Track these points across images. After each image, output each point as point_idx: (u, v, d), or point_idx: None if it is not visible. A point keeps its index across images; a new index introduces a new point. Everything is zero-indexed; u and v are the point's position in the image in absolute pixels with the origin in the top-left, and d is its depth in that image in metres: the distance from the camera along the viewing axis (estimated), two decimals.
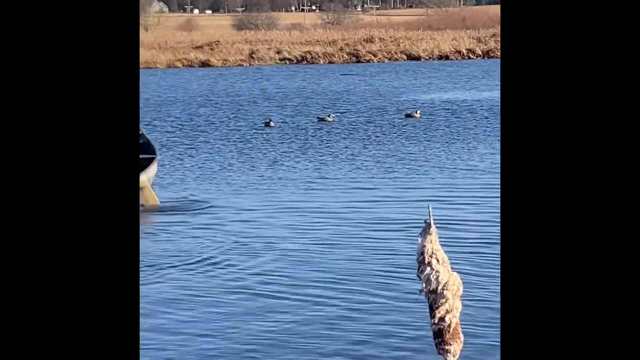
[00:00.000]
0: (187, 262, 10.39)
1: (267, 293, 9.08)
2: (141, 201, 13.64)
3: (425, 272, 4.99)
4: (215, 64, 54.79)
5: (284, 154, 19.31)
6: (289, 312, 8.41)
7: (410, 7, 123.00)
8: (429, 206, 5.04)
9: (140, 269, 9.83)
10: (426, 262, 4.99)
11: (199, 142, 21.49)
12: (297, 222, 12.53)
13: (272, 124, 24.00)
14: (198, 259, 10.53)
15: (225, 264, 10.28)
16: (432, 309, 5.13)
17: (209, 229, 12.21)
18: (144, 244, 11.35)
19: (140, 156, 15.34)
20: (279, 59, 56.30)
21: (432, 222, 5.06)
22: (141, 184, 13.68)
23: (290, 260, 10.34)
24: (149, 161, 15.34)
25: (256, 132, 22.98)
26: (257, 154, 19.32)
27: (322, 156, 18.76)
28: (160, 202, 14.14)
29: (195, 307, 8.72)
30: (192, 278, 9.75)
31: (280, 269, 9.98)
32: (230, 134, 22.87)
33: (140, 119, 24.89)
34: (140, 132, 16.23)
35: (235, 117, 26.84)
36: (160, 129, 24.21)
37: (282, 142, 21.03)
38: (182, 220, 12.87)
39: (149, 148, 15.91)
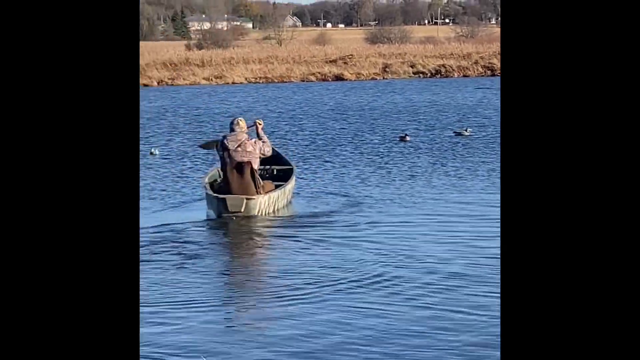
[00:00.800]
0: (356, 279, 10.24)
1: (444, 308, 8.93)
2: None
3: None
4: (348, 78, 54.93)
5: (421, 167, 19.17)
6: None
7: None
8: None
9: (298, 286, 9.80)
10: None
11: (334, 155, 21.48)
12: (446, 234, 12.40)
13: (407, 138, 23.82)
14: (363, 274, 10.40)
15: (395, 278, 10.15)
16: None
17: (363, 242, 12.12)
18: (291, 259, 11.31)
19: (277, 167, 15.74)
20: (413, 73, 56.11)
21: None
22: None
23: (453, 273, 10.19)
24: (288, 172, 15.60)
25: (392, 146, 22.85)
26: (393, 167, 19.22)
27: (458, 170, 18.55)
28: (300, 213, 14.21)
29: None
30: (366, 293, 9.62)
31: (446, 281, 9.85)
32: (364, 147, 22.80)
33: (275, 133, 25.12)
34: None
35: (370, 131, 26.77)
36: (294, 143, 24.29)
37: (419, 156, 20.87)
38: (334, 234, 12.77)
39: (281, 159, 16.12)
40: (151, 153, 21.82)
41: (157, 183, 17.59)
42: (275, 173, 15.77)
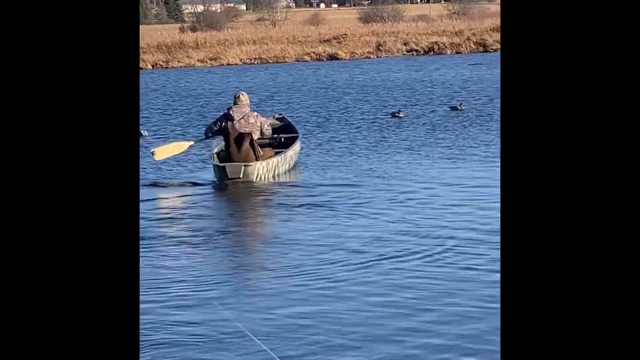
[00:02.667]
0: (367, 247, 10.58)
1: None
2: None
3: None
4: (343, 57, 55.07)
5: (418, 141, 19.47)
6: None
7: None
8: None
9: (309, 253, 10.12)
10: None
11: (330, 132, 21.75)
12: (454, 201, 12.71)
13: (401, 114, 24.08)
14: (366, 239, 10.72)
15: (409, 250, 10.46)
16: None
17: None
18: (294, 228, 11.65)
19: (285, 135, 16.97)
20: (406, 51, 56.27)
21: None
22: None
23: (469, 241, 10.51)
24: (293, 139, 16.68)
25: (386, 122, 23.14)
26: (390, 141, 19.51)
27: (455, 143, 18.85)
28: (299, 181, 15.23)
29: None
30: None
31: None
32: (360, 123, 23.06)
33: (275, 108, 25.35)
34: (281, 115, 18.03)
35: (364, 107, 27.00)
36: (293, 119, 24.53)
37: (414, 130, 21.15)
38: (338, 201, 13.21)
39: (291, 128, 17.36)
40: (140, 135, 21.97)
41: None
42: (283, 141, 16.91)
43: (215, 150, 16.11)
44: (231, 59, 55.31)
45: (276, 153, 15.91)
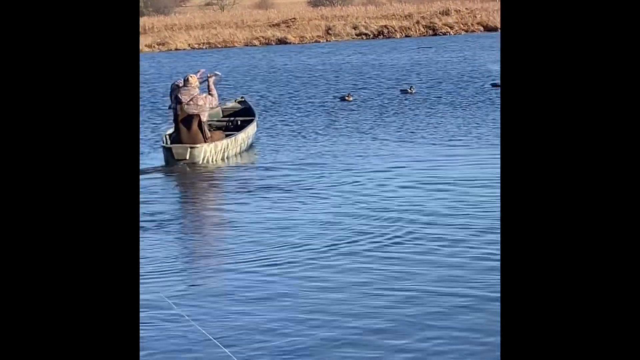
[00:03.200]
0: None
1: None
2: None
3: None
4: (292, 41, 54.88)
5: (367, 123, 19.46)
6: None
7: None
8: None
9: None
10: None
11: (280, 115, 21.64)
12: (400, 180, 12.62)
13: (350, 98, 23.99)
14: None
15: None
16: None
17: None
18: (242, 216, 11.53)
19: (241, 119, 17.47)
20: (356, 34, 56.20)
21: None
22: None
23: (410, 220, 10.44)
24: (249, 122, 17.00)
25: (337, 105, 23.07)
26: (340, 125, 19.45)
27: (405, 125, 18.84)
28: (248, 163, 15.46)
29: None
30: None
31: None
32: (312, 108, 22.97)
33: (225, 93, 25.20)
34: (243, 99, 18.59)
35: (313, 92, 26.91)
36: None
37: (365, 113, 21.12)
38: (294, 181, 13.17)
39: (249, 111, 17.78)
40: None
41: None
42: (239, 124, 17.31)
43: (168, 132, 16.25)
44: (179, 44, 54.91)
45: (227, 136, 16.08)
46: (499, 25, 55.44)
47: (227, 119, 16.48)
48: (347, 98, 23.98)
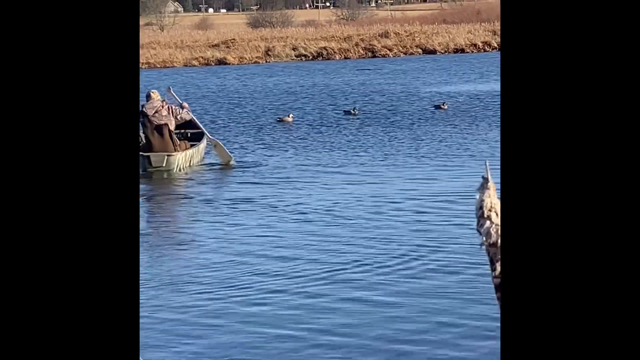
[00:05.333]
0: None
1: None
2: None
3: (485, 226, 5.01)
4: (231, 62, 54.81)
5: (311, 144, 19.44)
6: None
7: (425, 1, 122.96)
8: (485, 162, 5.07)
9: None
10: (485, 215, 5.03)
11: (218, 136, 21.56)
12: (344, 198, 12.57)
13: (288, 118, 23.86)
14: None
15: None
16: (493, 263, 5.15)
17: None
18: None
19: (191, 131, 18.59)
20: (295, 56, 56.30)
21: (489, 177, 5.10)
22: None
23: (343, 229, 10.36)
24: (200, 135, 18.26)
25: (277, 127, 23.01)
26: (283, 145, 19.43)
27: (351, 147, 18.85)
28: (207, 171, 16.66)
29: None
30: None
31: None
32: (253, 129, 22.90)
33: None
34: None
35: (254, 113, 26.85)
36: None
37: (307, 135, 21.09)
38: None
39: (195, 125, 18.58)
40: None
41: None
42: (189, 135, 18.67)
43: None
44: None
45: (191, 146, 17.61)
46: (437, 48, 56.07)
47: (177, 130, 17.70)
48: (286, 119, 23.88)
